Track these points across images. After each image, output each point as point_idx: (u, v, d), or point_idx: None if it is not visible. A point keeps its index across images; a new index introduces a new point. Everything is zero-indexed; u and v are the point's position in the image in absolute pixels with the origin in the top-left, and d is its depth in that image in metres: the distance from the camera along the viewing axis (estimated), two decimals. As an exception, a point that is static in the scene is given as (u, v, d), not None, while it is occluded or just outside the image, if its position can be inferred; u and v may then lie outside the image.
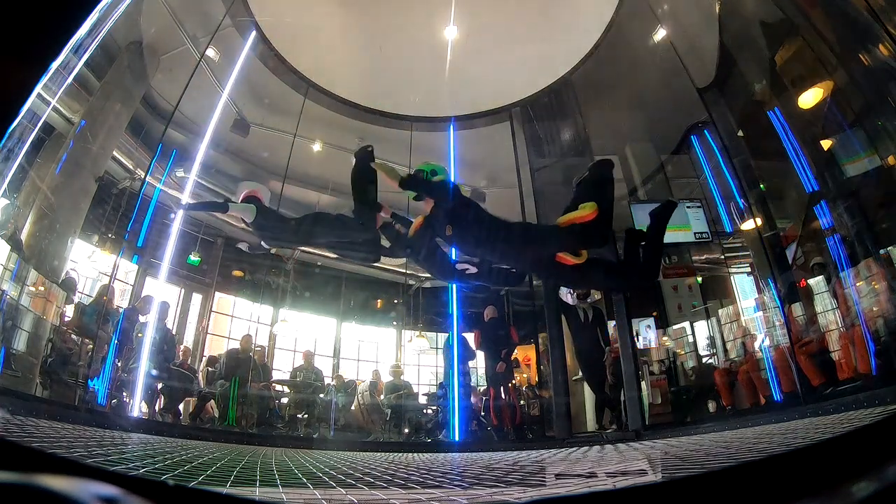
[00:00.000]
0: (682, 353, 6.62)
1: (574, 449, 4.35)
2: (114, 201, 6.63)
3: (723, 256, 6.90)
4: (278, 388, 6.84)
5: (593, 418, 6.09)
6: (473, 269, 3.40)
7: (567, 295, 6.58)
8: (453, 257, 4.06)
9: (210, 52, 6.75)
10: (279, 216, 4.02)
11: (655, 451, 2.93)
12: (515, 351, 6.86)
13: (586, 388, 6.56)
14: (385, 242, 3.79)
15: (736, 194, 5.86)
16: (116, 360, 5.34)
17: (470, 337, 6.62)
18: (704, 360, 6.49)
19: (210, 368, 6.81)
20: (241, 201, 3.86)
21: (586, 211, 2.57)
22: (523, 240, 2.89)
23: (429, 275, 4.64)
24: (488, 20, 6.94)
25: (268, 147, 8.11)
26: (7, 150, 4.28)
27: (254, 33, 6.95)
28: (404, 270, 9.28)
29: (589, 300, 6.31)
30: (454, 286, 6.97)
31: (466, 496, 1.50)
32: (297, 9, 6.77)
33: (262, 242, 4.05)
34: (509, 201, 7.68)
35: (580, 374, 6.43)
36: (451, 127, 8.10)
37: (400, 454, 5.02)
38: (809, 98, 5.10)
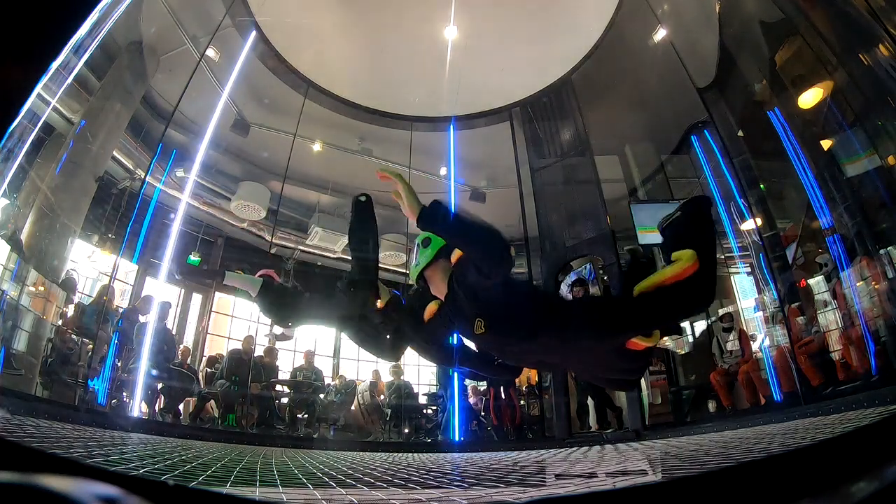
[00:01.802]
0: (682, 352, 6.62)
1: (574, 449, 4.36)
2: (114, 201, 6.63)
3: (723, 256, 6.90)
4: (278, 388, 6.84)
5: (594, 418, 6.08)
6: None
7: (567, 295, 6.58)
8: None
9: (210, 52, 6.75)
10: (287, 292, 3.56)
11: (655, 451, 2.93)
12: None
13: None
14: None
15: (736, 194, 5.86)
16: (116, 360, 5.34)
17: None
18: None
19: (210, 369, 6.80)
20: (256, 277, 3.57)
21: (683, 264, 1.66)
22: (594, 333, 1.74)
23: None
24: (488, 20, 6.94)
25: (268, 147, 8.12)
26: (7, 150, 4.28)
27: (254, 33, 6.95)
28: (404, 270, 9.29)
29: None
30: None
31: (466, 496, 1.50)
32: (297, 9, 6.77)
33: (276, 325, 3.70)
34: (509, 201, 7.69)
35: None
36: (451, 127, 8.11)
37: (400, 454, 5.03)
38: (809, 98, 5.10)
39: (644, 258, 1.88)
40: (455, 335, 2.21)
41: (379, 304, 2.59)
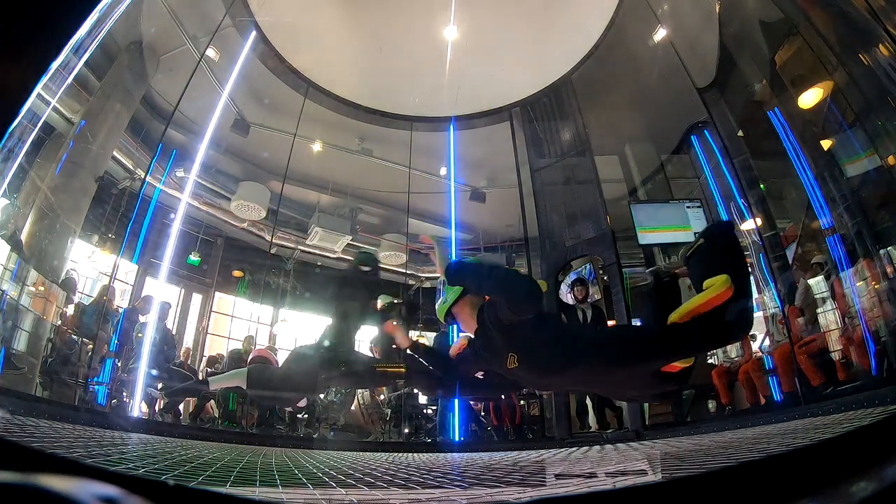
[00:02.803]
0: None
1: (574, 449, 4.35)
2: (114, 201, 6.63)
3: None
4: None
5: (594, 418, 6.08)
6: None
7: (567, 295, 6.58)
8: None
9: (210, 52, 6.75)
10: (275, 375, 3.28)
11: (655, 451, 2.93)
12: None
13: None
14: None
15: (736, 194, 5.86)
16: (116, 360, 5.34)
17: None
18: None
19: (210, 369, 6.80)
20: (249, 362, 3.41)
21: (716, 290, 1.61)
22: (625, 360, 1.76)
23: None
24: (488, 20, 6.94)
25: (268, 147, 8.12)
26: (7, 150, 4.28)
27: (254, 33, 6.95)
28: (404, 270, 9.29)
29: (589, 300, 6.30)
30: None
31: (466, 496, 1.50)
32: (297, 9, 6.77)
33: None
34: (509, 201, 7.69)
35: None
36: (451, 127, 8.11)
37: (400, 454, 5.03)
38: (809, 98, 5.09)
39: (667, 276, 1.91)
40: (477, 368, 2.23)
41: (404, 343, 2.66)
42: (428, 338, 8.67)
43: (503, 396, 6.48)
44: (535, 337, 1.76)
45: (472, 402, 6.83)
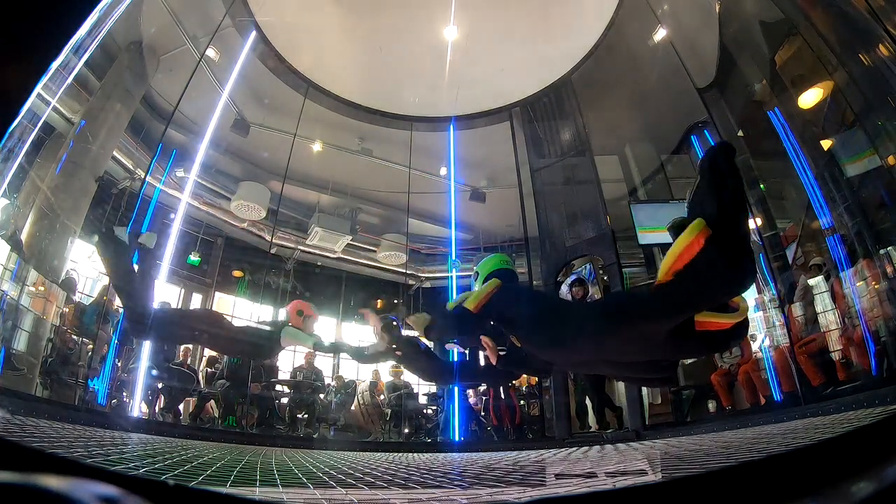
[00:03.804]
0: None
1: (574, 449, 4.35)
2: (114, 201, 6.63)
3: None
4: (278, 387, 6.84)
5: (594, 418, 6.08)
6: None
7: (566, 295, 6.57)
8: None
9: (210, 52, 6.75)
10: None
11: (655, 451, 2.93)
12: (515, 351, 6.82)
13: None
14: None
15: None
16: (116, 360, 5.33)
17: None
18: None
19: (210, 369, 6.80)
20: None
21: (686, 239, 1.41)
22: (618, 325, 1.65)
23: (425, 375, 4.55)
24: (488, 20, 6.94)
25: (268, 147, 8.12)
26: (7, 150, 4.28)
27: (254, 33, 6.95)
28: (404, 270, 9.29)
29: (588, 300, 6.30)
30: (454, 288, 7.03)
31: (466, 496, 1.50)
32: (297, 9, 6.78)
33: None
34: (509, 201, 7.69)
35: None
36: (451, 127, 8.11)
37: (400, 454, 5.03)
38: (809, 98, 5.10)
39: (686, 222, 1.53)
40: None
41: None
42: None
43: (502, 394, 6.49)
44: (525, 324, 1.96)
45: (472, 403, 6.82)
